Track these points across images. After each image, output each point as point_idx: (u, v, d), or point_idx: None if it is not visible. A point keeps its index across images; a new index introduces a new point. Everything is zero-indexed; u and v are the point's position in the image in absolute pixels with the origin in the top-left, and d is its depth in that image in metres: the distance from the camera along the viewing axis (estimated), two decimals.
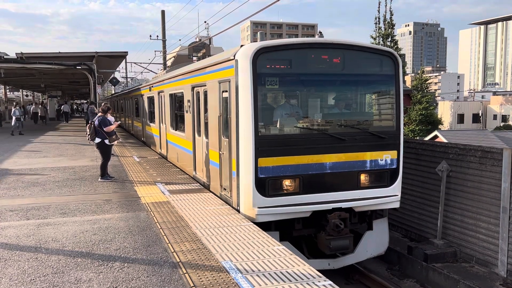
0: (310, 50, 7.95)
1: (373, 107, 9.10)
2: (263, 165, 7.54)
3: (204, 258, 5.68)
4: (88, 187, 10.51)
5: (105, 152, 11.44)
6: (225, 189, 8.66)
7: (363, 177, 8.21)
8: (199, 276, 5.15)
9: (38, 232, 7.00)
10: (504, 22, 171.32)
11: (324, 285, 4.81)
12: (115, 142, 11.83)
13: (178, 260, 5.65)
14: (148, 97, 18.58)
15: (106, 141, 11.32)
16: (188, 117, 11.39)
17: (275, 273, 5.15)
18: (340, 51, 8.07)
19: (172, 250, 6.02)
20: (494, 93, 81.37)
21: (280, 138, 7.84)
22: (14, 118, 26.05)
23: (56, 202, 9.05)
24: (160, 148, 16.19)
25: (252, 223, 7.22)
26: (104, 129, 11.19)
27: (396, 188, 8.49)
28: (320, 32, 10.22)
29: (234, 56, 7.76)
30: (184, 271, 5.30)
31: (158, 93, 15.86)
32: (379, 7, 34.53)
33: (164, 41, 35.14)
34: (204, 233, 6.70)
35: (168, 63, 39.19)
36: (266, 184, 7.61)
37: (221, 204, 8.50)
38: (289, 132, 7.97)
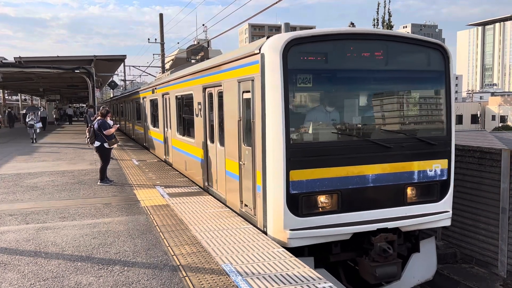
0: (350, 42, 6.79)
1: (420, 109, 7.92)
2: (295, 179, 6.41)
3: (204, 261, 5.68)
4: (88, 191, 10.51)
5: (105, 155, 11.44)
6: (247, 206, 7.56)
7: (410, 191, 7.09)
8: (199, 279, 5.15)
9: (37, 237, 7.00)
10: (502, 23, 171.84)
11: (324, 287, 4.82)
12: (115, 146, 11.83)
13: (178, 263, 5.65)
14: (151, 100, 17.71)
15: (106, 145, 11.32)
16: (198, 122, 10.36)
17: (275, 275, 5.15)
18: (383, 43, 6.96)
19: (172, 253, 6.02)
20: (492, 94, 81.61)
21: (315, 146, 6.66)
22: (28, 124, 24.23)
23: (55, 206, 9.04)
24: (165, 155, 15.23)
25: (252, 226, 7.21)
26: (103, 132, 11.21)
27: (447, 203, 7.36)
28: (352, 23, 8.64)
29: (260, 50, 6.66)
30: (184, 274, 5.30)
31: (163, 95, 14.97)
32: (378, 8, 34.56)
33: (162, 44, 35.21)
34: (203, 236, 6.70)
35: (167, 66, 39.23)
36: (299, 202, 6.46)
37: (220, 207, 8.49)
38: (325, 139, 6.81)
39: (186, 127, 12.15)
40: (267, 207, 6.69)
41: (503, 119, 63.04)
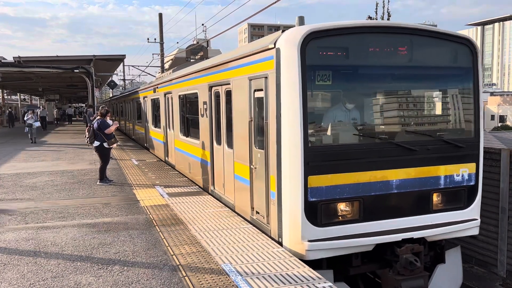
0: (372, 36, 6.29)
1: (446, 108, 7.31)
2: (314, 185, 5.92)
3: (203, 261, 5.68)
4: (87, 191, 10.50)
5: (104, 155, 11.43)
6: (259, 213, 7.08)
7: (436, 198, 6.63)
8: (198, 279, 5.14)
9: (37, 236, 6.99)
10: (501, 22, 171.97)
11: (324, 287, 4.82)
12: (114, 145, 11.83)
13: (178, 263, 5.65)
14: (152, 100, 17.18)
15: (105, 144, 11.32)
16: (204, 122, 9.86)
17: (275, 275, 5.15)
18: (407, 38, 6.46)
19: (172, 253, 6.02)
20: (492, 94, 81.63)
21: (335, 149, 6.11)
22: (26, 123, 23.54)
23: (55, 206, 9.03)
24: (167, 156, 14.76)
25: (251, 225, 7.20)
26: (104, 131, 11.23)
27: (474, 210, 6.88)
28: (369, 17, 7.82)
29: (275, 44, 6.13)
30: (184, 274, 5.30)
31: (165, 94, 14.41)
32: (376, 8, 34.57)
33: (161, 44, 35.19)
34: (203, 236, 6.69)
35: (166, 66, 39.22)
36: (318, 210, 5.97)
37: (220, 207, 8.49)
38: (346, 142, 6.31)
39: (190, 128, 11.67)
40: (283, 216, 6.17)
41: (502, 119, 63.09)
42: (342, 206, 6.14)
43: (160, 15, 34.56)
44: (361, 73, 6.46)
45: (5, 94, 50.41)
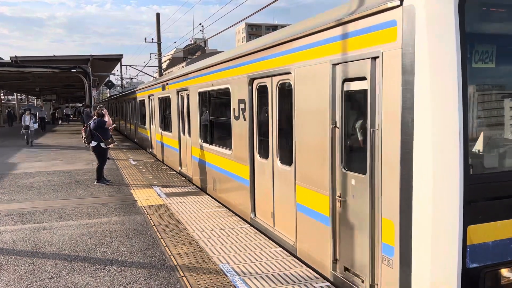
0: None
1: None
2: (477, 241, 3.67)
3: (201, 261, 5.68)
4: (84, 191, 10.48)
5: (101, 155, 11.43)
6: (349, 271, 4.73)
7: None
8: (196, 279, 5.14)
9: (34, 237, 6.97)
10: None
11: (321, 286, 4.82)
12: (111, 145, 11.83)
13: (176, 263, 5.65)
14: (160, 98, 15.07)
15: (102, 144, 11.32)
16: (239, 127, 7.71)
17: (272, 275, 5.16)
18: None
19: (169, 253, 6.01)
20: None
21: (505, 179, 3.81)
22: (23, 125, 22.36)
23: (52, 206, 9.02)
24: (180, 166, 12.70)
25: (250, 226, 7.20)
26: (105, 126, 11.41)
27: None
28: None
29: (402, 1, 3.70)
30: (182, 274, 5.30)
31: (178, 92, 12.25)
32: None
33: (159, 44, 35.16)
34: (201, 236, 6.69)
35: (163, 65, 39.17)
36: (480, 283, 3.73)
37: (218, 207, 8.49)
38: None
39: (215, 133, 9.57)
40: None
41: None
42: (508, 273, 3.88)
43: (158, 14, 34.52)
44: None
45: (2, 94, 50.33)
